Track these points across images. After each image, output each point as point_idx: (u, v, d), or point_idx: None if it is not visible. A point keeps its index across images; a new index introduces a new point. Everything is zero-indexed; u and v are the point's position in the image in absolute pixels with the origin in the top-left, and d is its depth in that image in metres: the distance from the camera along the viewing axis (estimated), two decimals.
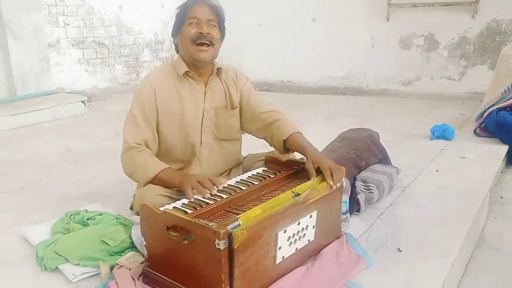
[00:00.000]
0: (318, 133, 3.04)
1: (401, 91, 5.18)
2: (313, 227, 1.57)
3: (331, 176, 1.61)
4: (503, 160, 3.00)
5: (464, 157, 2.84)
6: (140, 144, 1.78)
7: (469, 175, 2.52)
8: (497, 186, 2.85)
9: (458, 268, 1.85)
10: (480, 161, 2.78)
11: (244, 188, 1.64)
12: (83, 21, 5.24)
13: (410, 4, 4.89)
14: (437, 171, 2.61)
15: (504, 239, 2.21)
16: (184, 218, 1.33)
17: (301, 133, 1.88)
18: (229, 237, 1.25)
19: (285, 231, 1.43)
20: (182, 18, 1.80)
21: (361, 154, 2.31)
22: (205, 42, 1.76)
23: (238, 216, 1.33)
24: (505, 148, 3.06)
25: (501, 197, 2.70)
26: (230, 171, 2.03)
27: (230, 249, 1.26)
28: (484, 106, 3.31)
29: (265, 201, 1.48)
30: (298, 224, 1.49)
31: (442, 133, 3.25)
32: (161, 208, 1.41)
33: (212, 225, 1.27)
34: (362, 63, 5.35)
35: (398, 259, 1.65)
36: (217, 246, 1.24)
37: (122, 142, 1.81)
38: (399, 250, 1.70)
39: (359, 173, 2.24)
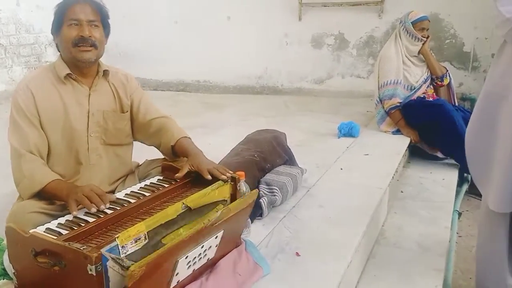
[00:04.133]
0: (234, 134, 2.98)
1: (314, 89, 5.29)
2: (216, 246, 1.49)
3: (217, 171, 1.61)
4: (404, 156, 3.14)
5: (368, 154, 2.93)
6: (30, 152, 1.62)
7: (371, 172, 2.59)
8: (399, 181, 2.98)
9: (357, 267, 1.88)
10: (382, 157, 2.88)
11: (133, 201, 1.53)
12: None
13: (321, 4, 5.00)
14: (341, 169, 2.66)
15: (403, 233, 2.30)
16: (53, 241, 1.19)
17: (189, 138, 1.83)
18: (105, 261, 1.13)
19: (186, 257, 1.32)
20: (61, 18, 1.65)
21: (266, 156, 2.28)
22: (87, 45, 1.64)
23: (117, 235, 1.22)
24: (405, 143, 3.21)
25: (402, 192, 2.82)
26: (125, 179, 1.90)
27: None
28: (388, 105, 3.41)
29: (154, 215, 1.39)
30: (202, 247, 1.39)
31: (348, 131, 3.34)
32: (31, 231, 1.26)
33: (83, 248, 1.14)
34: (277, 62, 5.39)
35: (296, 264, 1.63)
36: (89, 272, 1.12)
37: (10, 150, 1.64)
38: (297, 254, 1.68)
39: (264, 175, 2.22)
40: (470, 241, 2.63)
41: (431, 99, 3.37)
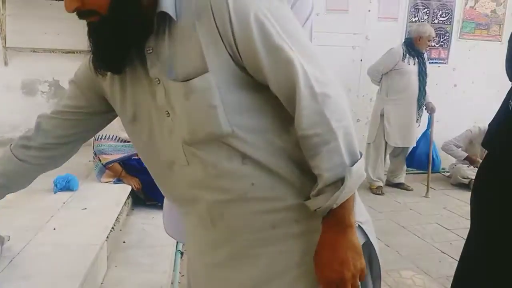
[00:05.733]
0: None
1: None
2: None
3: None
4: (127, 204, 3.14)
5: (86, 208, 2.79)
6: None
7: (87, 227, 2.45)
8: (122, 230, 2.95)
9: None
10: (101, 210, 2.79)
11: None
12: None
13: (29, 49, 4.61)
14: (55, 229, 2.43)
15: (123, 287, 2.25)
16: None
17: None
18: None
19: None
20: None
21: None
22: None
23: None
24: (127, 192, 3.22)
25: (124, 242, 2.79)
26: None
27: None
28: None
29: None
30: None
31: (66, 185, 3.11)
32: None
33: None
34: None
35: None
36: None
37: None
38: None
39: None
40: None
41: None
